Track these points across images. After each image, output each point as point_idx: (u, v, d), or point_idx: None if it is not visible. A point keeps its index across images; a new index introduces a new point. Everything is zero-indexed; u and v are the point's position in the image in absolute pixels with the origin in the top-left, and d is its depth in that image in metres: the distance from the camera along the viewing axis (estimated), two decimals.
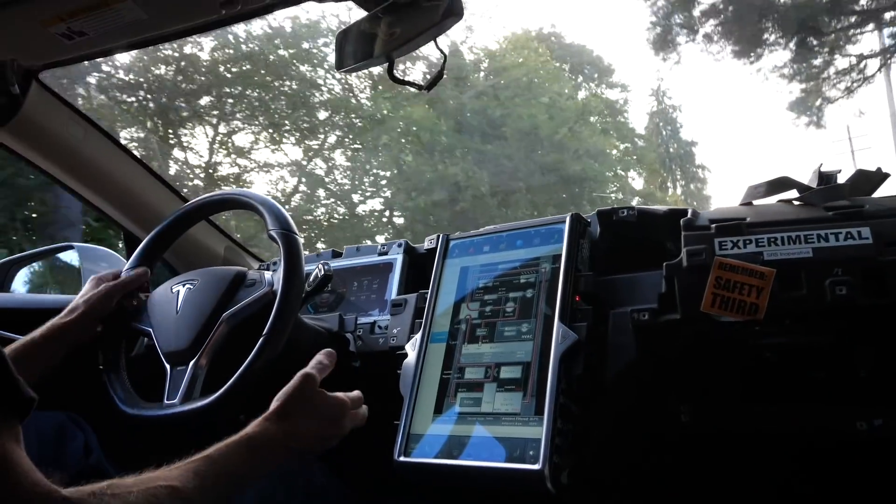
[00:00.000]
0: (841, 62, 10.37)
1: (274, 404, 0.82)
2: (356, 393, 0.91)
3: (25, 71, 1.18)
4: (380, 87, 10.51)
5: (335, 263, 1.41)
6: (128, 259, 1.22)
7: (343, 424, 0.86)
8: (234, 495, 0.74)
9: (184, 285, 1.12)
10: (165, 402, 1.03)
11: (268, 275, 1.09)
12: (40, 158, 1.33)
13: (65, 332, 1.03)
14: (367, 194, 11.23)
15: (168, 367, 1.06)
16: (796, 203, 1.06)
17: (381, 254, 1.42)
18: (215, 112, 9.96)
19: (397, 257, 1.39)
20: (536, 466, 0.90)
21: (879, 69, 10.32)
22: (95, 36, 1.01)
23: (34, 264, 1.69)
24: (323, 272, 1.10)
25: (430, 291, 1.17)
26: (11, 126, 1.22)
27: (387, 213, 11.53)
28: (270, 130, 10.39)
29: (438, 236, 1.25)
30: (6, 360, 0.58)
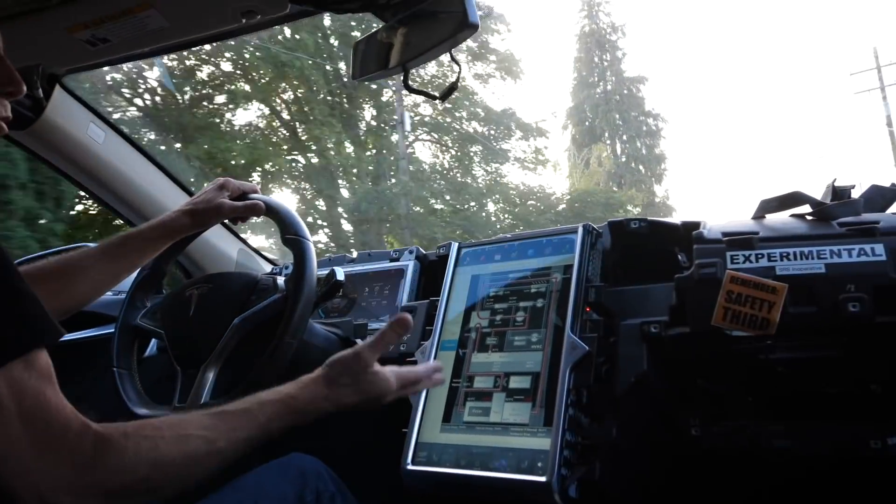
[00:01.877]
0: None
1: (323, 369, 0.83)
2: (411, 372, 0.90)
3: (49, 75, 1.20)
4: None
5: (347, 268, 1.42)
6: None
7: (384, 400, 0.87)
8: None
9: (197, 289, 1.13)
10: (175, 404, 1.04)
11: (280, 280, 1.10)
12: (60, 160, 1.35)
13: (169, 229, 1.10)
14: None
15: (179, 369, 1.07)
16: (809, 218, 1.06)
17: (392, 260, 1.43)
18: None
19: (409, 263, 1.39)
20: (544, 478, 0.90)
21: None
22: (118, 42, 1.03)
23: None
24: (334, 279, 1.11)
25: (440, 299, 1.18)
26: (33, 128, 1.24)
27: None
28: None
29: (450, 244, 1.25)
30: (34, 296, 0.59)
